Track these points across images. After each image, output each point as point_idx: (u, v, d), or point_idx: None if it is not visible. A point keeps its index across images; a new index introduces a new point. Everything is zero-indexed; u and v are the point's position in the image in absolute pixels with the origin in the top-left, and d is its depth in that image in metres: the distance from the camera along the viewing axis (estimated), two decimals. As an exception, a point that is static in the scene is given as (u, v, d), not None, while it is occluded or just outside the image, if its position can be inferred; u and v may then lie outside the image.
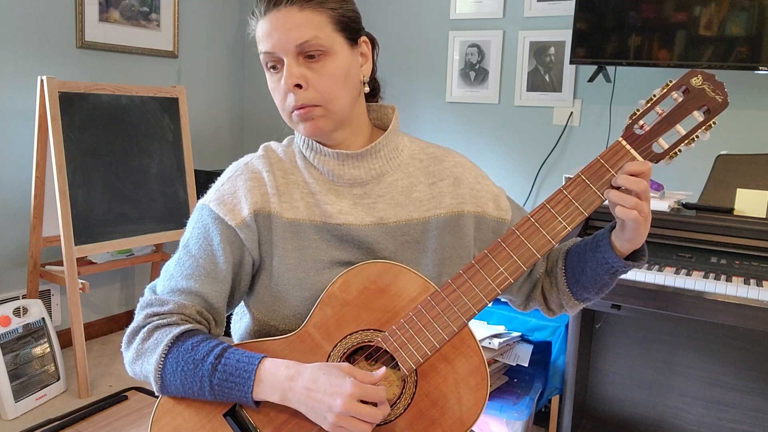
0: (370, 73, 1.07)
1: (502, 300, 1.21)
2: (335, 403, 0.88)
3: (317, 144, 1.05)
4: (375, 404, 0.91)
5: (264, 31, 0.98)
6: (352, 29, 1.01)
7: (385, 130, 1.11)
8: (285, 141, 1.12)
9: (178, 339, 0.96)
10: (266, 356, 0.95)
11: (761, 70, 2.25)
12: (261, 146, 1.12)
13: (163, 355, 0.95)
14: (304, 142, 1.08)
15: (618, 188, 0.94)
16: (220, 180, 1.08)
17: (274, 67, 0.99)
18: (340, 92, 0.99)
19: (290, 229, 1.03)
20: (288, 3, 0.95)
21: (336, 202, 1.05)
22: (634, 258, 1.03)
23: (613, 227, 1.01)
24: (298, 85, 0.97)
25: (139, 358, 0.98)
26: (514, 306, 1.22)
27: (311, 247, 1.03)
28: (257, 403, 0.95)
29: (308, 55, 0.96)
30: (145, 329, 0.99)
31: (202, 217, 1.04)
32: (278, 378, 0.92)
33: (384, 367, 0.94)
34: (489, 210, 1.11)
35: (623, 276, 1.20)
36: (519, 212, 1.15)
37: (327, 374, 0.91)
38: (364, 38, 1.05)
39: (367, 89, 1.08)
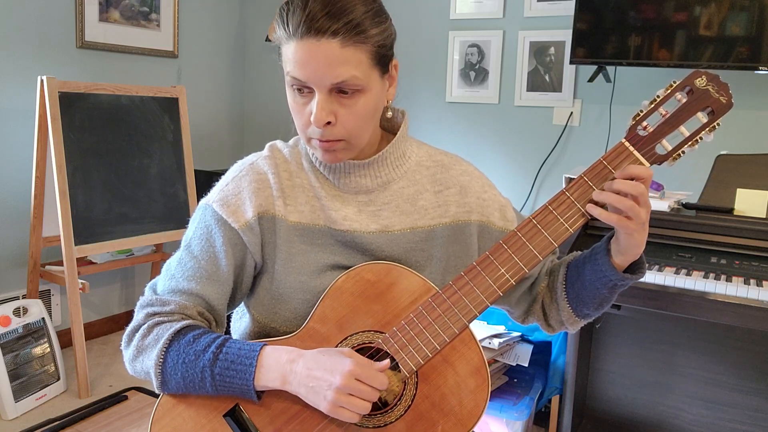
0: (393, 96, 1.04)
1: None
2: (335, 379, 0.88)
3: None
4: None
5: (297, 57, 0.91)
6: (387, 58, 0.97)
7: (393, 134, 1.09)
8: (291, 141, 1.11)
9: (178, 333, 0.96)
10: (267, 344, 0.96)
11: (761, 70, 2.25)
12: (267, 145, 1.10)
13: (164, 350, 0.95)
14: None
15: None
16: (224, 179, 1.06)
17: (300, 90, 0.94)
18: (366, 128, 0.97)
19: (294, 232, 1.03)
20: (331, 35, 0.88)
21: (341, 208, 1.04)
22: (633, 270, 1.01)
23: (610, 238, 1.00)
24: (328, 122, 0.93)
25: (140, 355, 0.98)
26: (513, 318, 1.20)
27: (314, 251, 1.03)
28: (258, 395, 0.95)
29: (342, 90, 0.92)
30: (145, 326, 0.98)
31: (205, 218, 1.03)
32: (280, 361, 0.92)
33: (387, 359, 0.94)
34: (494, 220, 1.10)
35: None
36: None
37: (328, 355, 0.91)
38: (394, 62, 1.01)
39: (389, 114, 1.06)
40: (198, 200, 1.08)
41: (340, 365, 0.89)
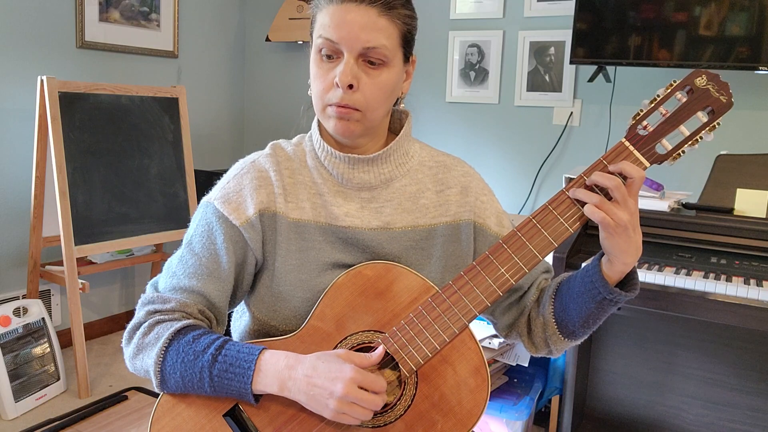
0: (407, 90, 1.08)
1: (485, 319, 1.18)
2: (336, 388, 0.88)
3: (329, 147, 1.04)
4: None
5: (334, 20, 0.95)
6: (410, 46, 1.03)
7: (397, 134, 1.10)
8: (295, 139, 1.11)
9: (179, 332, 0.96)
10: (266, 348, 0.96)
11: (761, 70, 2.25)
12: (269, 144, 1.11)
13: (164, 348, 0.95)
14: (317, 141, 1.07)
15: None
16: (225, 177, 1.07)
17: (328, 56, 0.97)
18: (382, 104, 1.00)
19: (295, 229, 1.03)
20: (370, 2, 0.94)
21: (343, 204, 1.04)
22: (626, 288, 0.98)
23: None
24: (350, 85, 0.96)
25: (140, 353, 0.98)
26: (495, 329, 1.17)
27: (314, 248, 1.03)
28: (256, 398, 0.95)
29: (369, 60, 0.96)
30: (146, 324, 0.99)
31: (206, 215, 1.03)
32: (278, 367, 0.92)
33: (382, 345, 0.94)
34: (490, 224, 1.10)
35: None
36: None
37: (326, 361, 0.91)
38: (414, 57, 1.06)
39: (402, 106, 1.09)
40: (198, 200, 1.08)
41: (340, 373, 0.89)
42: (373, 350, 0.98)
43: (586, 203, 0.92)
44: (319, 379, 0.90)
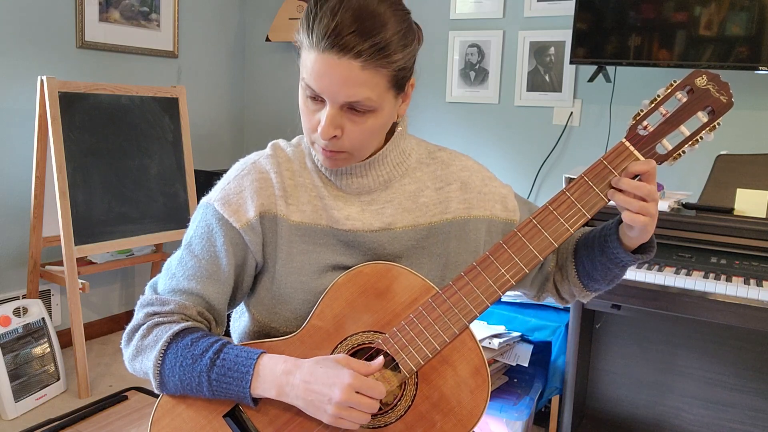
0: (404, 112, 1.04)
1: (511, 294, 1.23)
2: (334, 394, 0.88)
3: None
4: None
5: (315, 68, 0.90)
6: (405, 80, 0.97)
7: (392, 133, 1.09)
8: (294, 140, 1.11)
9: (177, 335, 0.96)
10: (265, 352, 0.95)
11: (761, 70, 2.25)
12: (269, 144, 1.10)
13: (163, 351, 0.95)
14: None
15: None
16: (225, 178, 1.06)
17: (312, 98, 0.93)
18: (371, 143, 0.98)
19: (296, 232, 1.03)
20: (353, 56, 0.87)
21: (344, 207, 1.04)
22: (643, 250, 1.03)
23: (620, 221, 1.01)
24: (334, 136, 0.93)
25: (139, 355, 0.98)
26: (528, 297, 1.23)
27: (315, 251, 1.03)
28: (255, 401, 0.95)
29: (353, 108, 0.92)
30: (145, 326, 0.99)
31: (206, 216, 1.02)
32: (275, 373, 0.92)
33: (381, 357, 0.94)
34: (497, 212, 1.10)
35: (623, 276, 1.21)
36: (527, 209, 1.14)
37: (324, 367, 0.91)
38: (411, 81, 1.00)
39: (399, 129, 1.06)
40: (198, 200, 1.08)
41: (338, 378, 0.89)
42: (373, 351, 0.98)
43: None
44: (317, 385, 0.89)
